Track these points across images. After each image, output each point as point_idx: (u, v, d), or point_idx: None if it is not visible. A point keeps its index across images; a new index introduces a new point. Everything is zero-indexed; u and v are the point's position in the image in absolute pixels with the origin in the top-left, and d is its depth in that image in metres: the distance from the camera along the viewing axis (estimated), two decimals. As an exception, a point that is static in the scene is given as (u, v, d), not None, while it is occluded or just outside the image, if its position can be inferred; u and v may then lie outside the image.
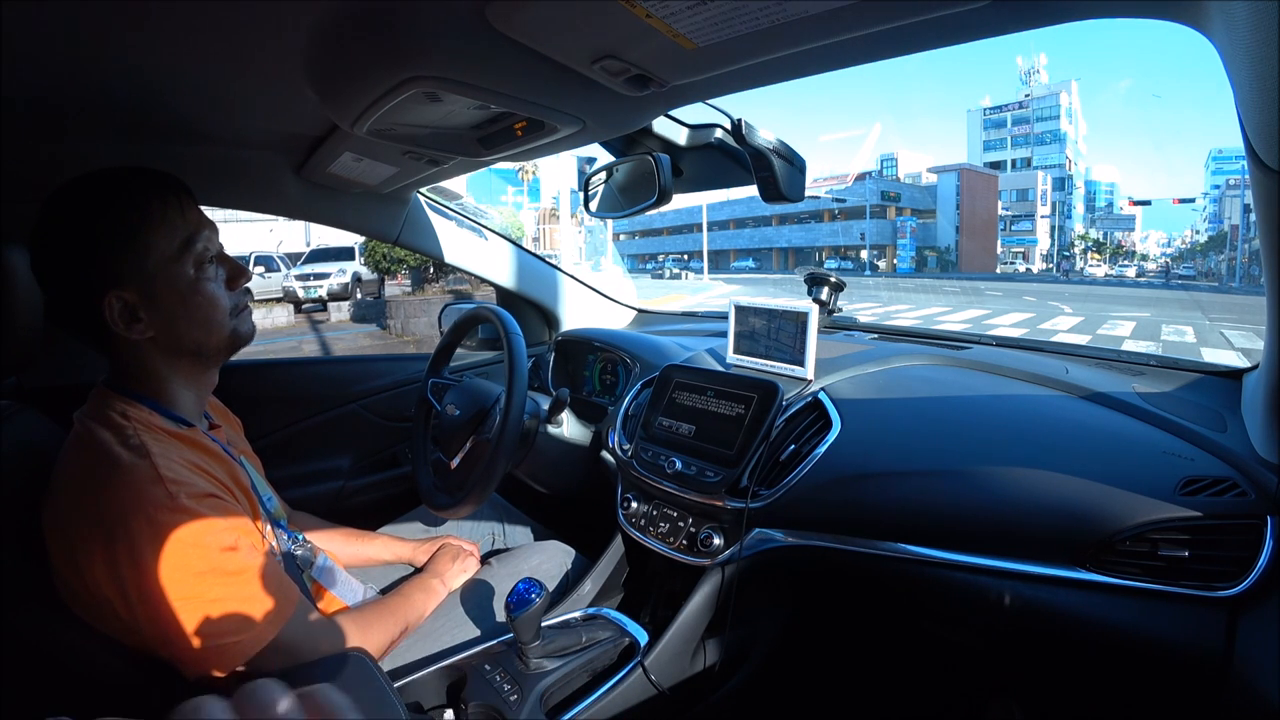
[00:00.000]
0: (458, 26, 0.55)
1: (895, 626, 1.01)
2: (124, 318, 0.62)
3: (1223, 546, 0.64)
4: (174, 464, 0.60)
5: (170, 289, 0.64)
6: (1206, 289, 16.71)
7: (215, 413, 0.79)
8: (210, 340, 0.68)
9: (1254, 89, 0.44)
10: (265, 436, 1.28)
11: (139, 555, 0.55)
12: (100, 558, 0.55)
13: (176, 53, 0.63)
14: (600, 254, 17.36)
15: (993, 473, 0.76)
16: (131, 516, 0.56)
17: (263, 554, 0.64)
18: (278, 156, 1.06)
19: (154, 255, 0.63)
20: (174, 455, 0.61)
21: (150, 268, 0.63)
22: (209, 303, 0.67)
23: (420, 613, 0.86)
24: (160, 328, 0.64)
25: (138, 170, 0.65)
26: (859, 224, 42.34)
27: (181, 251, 0.64)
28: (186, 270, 0.65)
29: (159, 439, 0.62)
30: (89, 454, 0.60)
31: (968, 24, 0.52)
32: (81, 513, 0.57)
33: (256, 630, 0.60)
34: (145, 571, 0.55)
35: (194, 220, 0.66)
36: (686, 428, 0.99)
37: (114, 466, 0.58)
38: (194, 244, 0.65)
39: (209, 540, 0.58)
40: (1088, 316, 11.11)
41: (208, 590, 0.57)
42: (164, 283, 0.64)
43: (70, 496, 0.58)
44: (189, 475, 0.60)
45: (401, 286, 11.35)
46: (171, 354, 0.66)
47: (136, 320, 0.63)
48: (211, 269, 0.67)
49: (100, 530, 0.56)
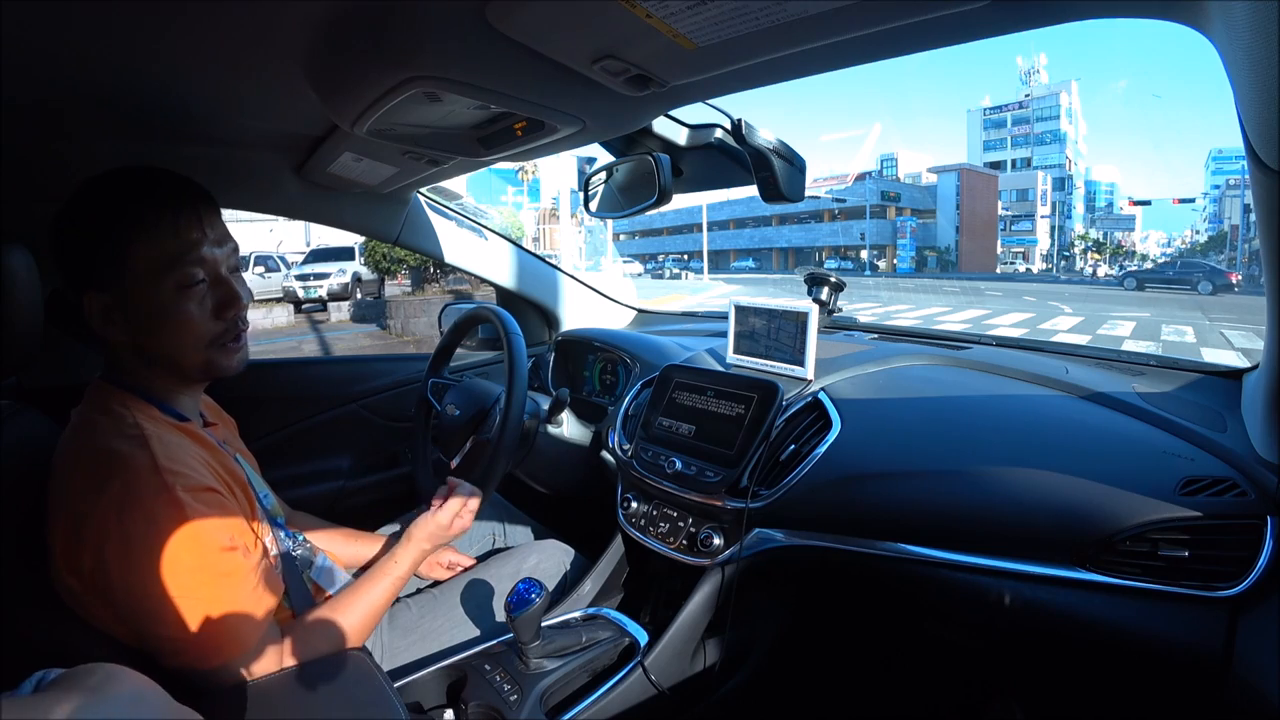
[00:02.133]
0: (458, 26, 0.55)
1: (895, 627, 1.01)
2: (100, 319, 0.62)
3: (1223, 546, 0.64)
4: (173, 453, 0.59)
5: (144, 303, 0.62)
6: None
7: (210, 411, 0.78)
8: (182, 362, 0.66)
9: (1254, 89, 0.44)
10: (265, 436, 1.28)
11: (132, 547, 0.55)
12: (93, 546, 0.55)
13: (177, 53, 0.63)
14: (601, 254, 17.37)
15: (993, 473, 0.76)
16: (128, 507, 0.55)
17: (257, 555, 0.64)
18: (278, 156, 1.06)
19: (132, 266, 0.61)
20: (174, 443, 0.61)
21: (127, 278, 0.61)
22: (182, 327, 0.64)
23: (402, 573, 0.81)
24: (133, 336, 0.63)
25: (153, 174, 0.64)
26: (859, 224, 42.35)
27: (164, 269, 0.62)
28: (164, 289, 0.62)
29: (159, 428, 0.62)
30: (87, 444, 0.60)
31: (968, 24, 0.52)
32: (78, 501, 0.57)
33: (242, 633, 0.60)
34: (137, 564, 0.55)
35: (190, 239, 0.63)
36: (686, 428, 0.99)
37: (111, 457, 0.57)
38: (181, 264, 0.62)
39: (204, 538, 0.58)
40: (1088, 317, 11.11)
41: (198, 589, 0.57)
42: (139, 296, 0.62)
43: (67, 485, 0.58)
44: (188, 466, 0.60)
45: (401, 286, 11.36)
46: (148, 362, 0.66)
47: (111, 323, 0.62)
48: (198, 291, 0.64)
49: (96, 519, 0.55)
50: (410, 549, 0.82)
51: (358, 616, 0.73)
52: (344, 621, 0.71)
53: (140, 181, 0.63)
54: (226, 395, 0.85)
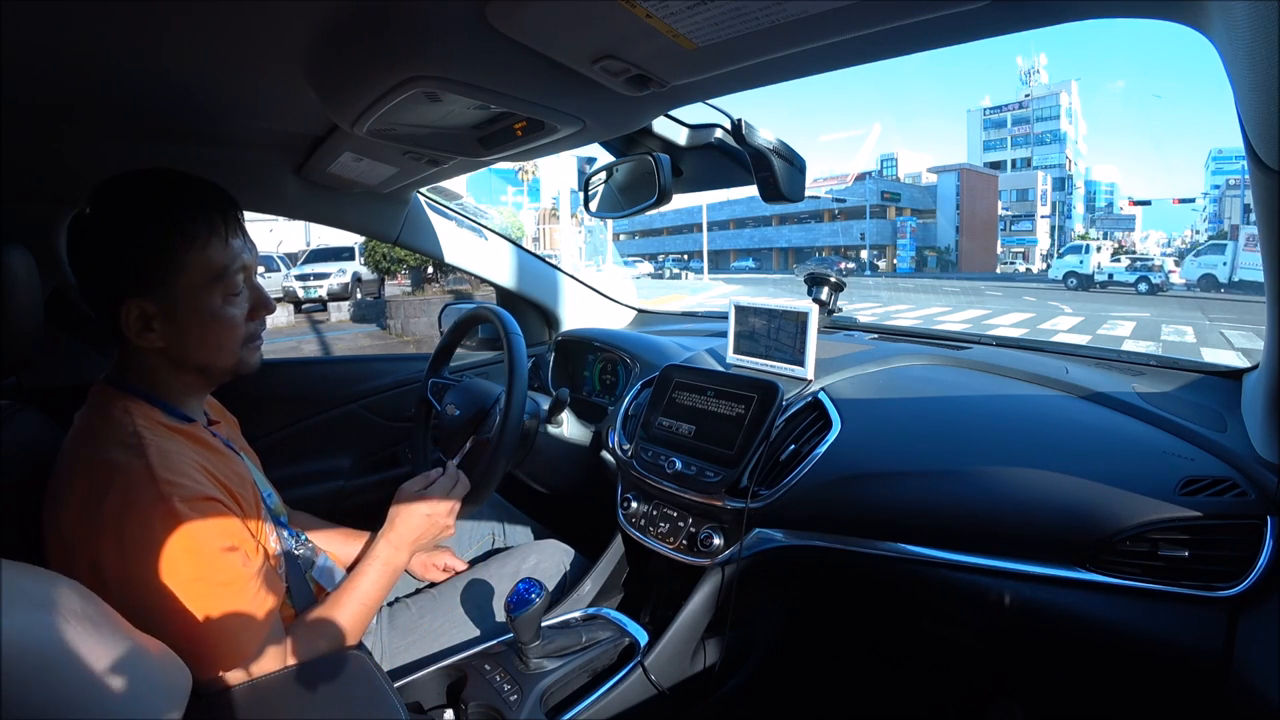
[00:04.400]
0: (458, 26, 0.55)
1: (895, 627, 1.01)
2: (137, 326, 0.62)
3: (1223, 546, 0.64)
4: (171, 462, 0.59)
5: (192, 312, 0.64)
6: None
7: (213, 410, 0.78)
8: (216, 364, 0.68)
9: (1254, 89, 0.44)
10: (265, 436, 1.28)
11: (129, 558, 0.55)
12: (92, 557, 0.55)
13: (177, 53, 0.63)
14: (601, 254, 17.38)
15: (993, 473, 0.76)
16: (124, 518, 0.55)
17: (258, 561, 0.64)
18: (278, 156, 1.06)
19: (185, 278, 0.62)
20: (172, 452, 0.60)
21: (178, 288, 0.62)
22: (226, 331, 0.66)
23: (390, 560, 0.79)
24: (171, 342, 0.64)
25: (192, 181, 0.64)
26: (859, 224, 42.33)
27: (214, 280, 0.64)
28: (214, 299, 0.64)
29: (159, 434, 0.61)
30: (85, 452, 0.60)
31: (968, 24, 0.52)
32: (77, 512, 0.57)
33: (241, 640, 0.60)
34: (134, 574, 0.55)
35: (235, 248, 0.65)
36: (686, 428, 0.99)
37: (109, 467, 0.57)
38: (229, 275, 0.65)
39: (201, 547, 0.58)
40: (1088, 316, 11.10)
41: (196, 598, 0.57)
42: (187, 305, 0.63)
43: (66, 496, 0.58)
44: (187, 475, 0.60)
45: (401, 286, 11.35)
46: (176, 366, 0.66)
47: (149, 330, 0.63)
48: (243, 298, 0.67)
49: (94, 530, 0.55)
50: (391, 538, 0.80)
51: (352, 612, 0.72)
52: (341, 618, 0.71)
53: (184, 188, 0.63)
54: (227, 395, 0.85)
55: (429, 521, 0.82)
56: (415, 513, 0.82)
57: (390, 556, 0.79)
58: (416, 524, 0.82)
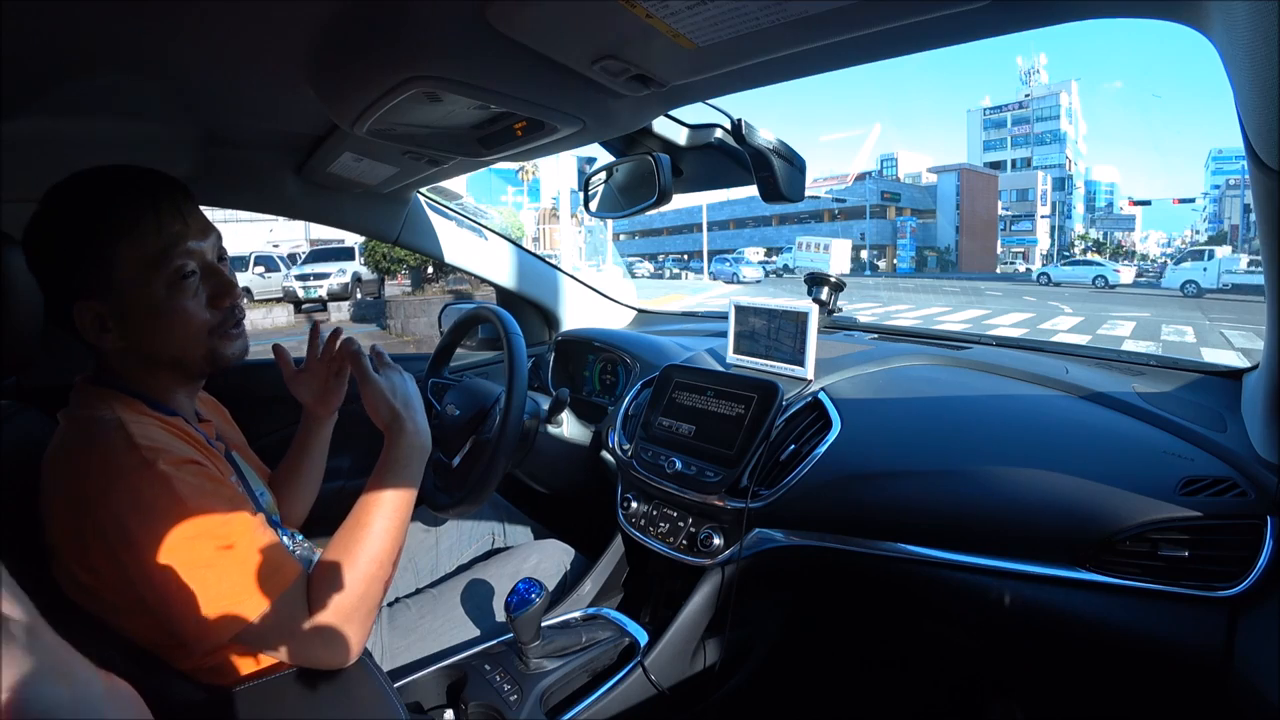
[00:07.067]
0: (458, 26, 0.55)
1: (895, 626, 1.01)
2: (94, 327, 0.60)
3: (1223, 546, 0.64)
4: (149, 433, 0.58)
5: (138, 306, 0.60)
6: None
7: (204, 406, 0.76)
8: (185, 357, 0.64)
9: (1254, 89, 0.44)
10: (265, 436, 1.27)
11: (129, 529, 0.53)
12: (97, 539, 0.54)
13: (177, 53, 0.63)
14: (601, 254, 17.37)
15: (993, 473, 0.76)
16: (111, 488, 0.54)
17: (257, 522, 0.61)
18: (278, 156, 1.06)
19: (119, 269, 0.58)
20: (151, 426, 0.59)
21: (116, 282, 0.59)
22: (180, 324, 0.62)
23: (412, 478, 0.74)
24: (130, 340, 0.61)
25: (124, 171, 0.61)
26: (859, 224, 42.32)
27: (151, 268, 0.59)
28: (157, 289, 0.60)
29: (140, 418, 0.59)
30: (65, 443, 0.59)
31: (968, 24, 0.52)
32: (67, 495, 0.56)
33: (255, 597, 0.57)
34: (139, 544, 0.53)
35: (173, 232, 0.60)
36: (686, 428, 0.99)
37: (89, 442, 0.56)
38: (168, 260, 0.60)
39: (195, 506, 0.56)
40: (1088, 317, 11.10)
41: (201, 556, 0.55)
42: (132, 299, 0.59)
43: (57, 488, 0.57)
44: (166, 443, 0.58)
45: (401, 286, 11.35)
46: (149, 362, 0.64)
47: (106, 330, 0.60)
48: (191, 284, 0.62)
49: (86, 508, 0.54)
50: (395, 441, 0.75)
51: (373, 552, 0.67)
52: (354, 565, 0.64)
53: (112, 181, 0.61)
54: (227, 395, 0.85)
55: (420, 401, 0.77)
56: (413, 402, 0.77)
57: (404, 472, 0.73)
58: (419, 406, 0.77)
